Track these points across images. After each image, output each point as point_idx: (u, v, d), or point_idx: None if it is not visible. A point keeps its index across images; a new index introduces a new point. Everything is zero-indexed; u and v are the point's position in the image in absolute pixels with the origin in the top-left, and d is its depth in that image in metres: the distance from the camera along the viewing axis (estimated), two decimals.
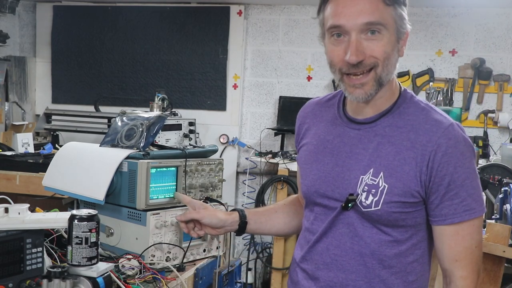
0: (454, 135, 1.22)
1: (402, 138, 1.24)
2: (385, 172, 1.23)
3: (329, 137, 1.34)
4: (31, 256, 1.39)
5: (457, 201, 1.21)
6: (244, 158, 4.35)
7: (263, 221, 1.52)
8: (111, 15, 4.49)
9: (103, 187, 1.83)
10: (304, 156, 1.39)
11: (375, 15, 1.19)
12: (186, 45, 4.37)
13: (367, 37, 1.19)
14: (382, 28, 1.19)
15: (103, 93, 4.46)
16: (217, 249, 2.03)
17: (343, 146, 1.30)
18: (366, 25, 1.19)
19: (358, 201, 1.24)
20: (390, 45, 1.21)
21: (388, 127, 1.26)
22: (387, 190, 1.22)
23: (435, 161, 1.20)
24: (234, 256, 4.34)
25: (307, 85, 4.29)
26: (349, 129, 1.31)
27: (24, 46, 4.63)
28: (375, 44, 1.20)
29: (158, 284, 1.63)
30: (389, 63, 1.22)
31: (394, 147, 1.23)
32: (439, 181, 1.20)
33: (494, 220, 2.28)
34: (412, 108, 1.28)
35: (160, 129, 2.01)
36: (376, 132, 1.27)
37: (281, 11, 4.31)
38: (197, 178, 1.99)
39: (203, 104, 4.37)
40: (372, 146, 1.26)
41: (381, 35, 1.20)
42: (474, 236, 1.24)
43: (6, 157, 3.09)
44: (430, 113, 1.26)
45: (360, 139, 1.28)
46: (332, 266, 1.30)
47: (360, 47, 1.19)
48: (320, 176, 1.32)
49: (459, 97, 4.08)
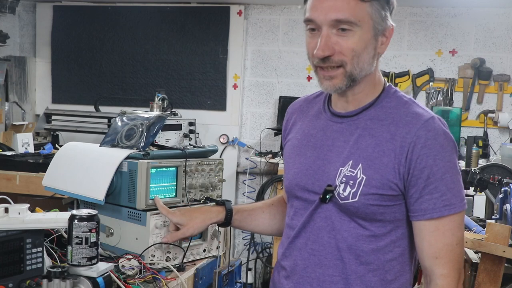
0: (434, 127, 1.21)
1: (383, 130, 1.24)
2: (364, 164, 1.23)
3: (313, 131, 1.35)
4: (31, 256, 1.39)
5: (436, 195, 1.19)
6: (244, 158, 4.35)
7: (248, 221, 1.58)
8: (111, 15, 4.49)
9: (103, 187, 1.83)
10: (288, 151, 1.40)
11: (344, 12, 1.19)
12: (186, 45, 4.37)
13: (338, 33, 1.20)
14: (353, 25, 1.19)
15: (103, 93, 4.46)
16: (217, 249, 2.03)
17: (326, 140, 1.31)
18: (335, 22, 1.20)
19: (336, 193, 1.24)
20: (362, 42, 1.21)
21: (370, 120, 1.27)
22: (365, 182, 1.22)
23: (414, 153, 1.19)
24: (234, 256, 4.34)
25: (307, 85, 4.29)
26: (332, 123, 1.32)
27: (24, 46, 4.63)
28: (344, 41, 1.20)
29: (158, 284, 1.63)
30: (360, 61, 1.22)
31: (374, 139, 1.24)
32: (418, 173, 1.19)
33: (494, 220, 2.28)
34: (394, 102, 1.28)
35: (160, 129, 2.01)
36: (358, 125, 1.27)
37: (281, 11, 4.31)
38: (197, 178, 1.99)
39: (203, 104, 4.37)
40: (353, 138, 1.26)
41: (351, 32, 1.20)
42: (455, 232, 1.22)
43: (6, 157, 3.09)
44: (411, 106, 1.26)
45: (342, 132, 1.29)
46: (310, 261, 1.29)
47: (329, 42, 1.20)
48: (301, 169, 1.32)
49: (459, 97, 4.08)
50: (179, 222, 1.54)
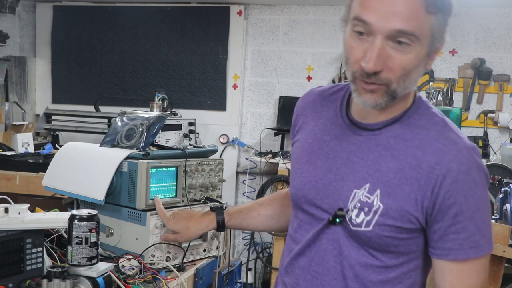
0: (468, 159, 1.07)
1: (407, 154, 1.09)
2: (382, 190, 1.09)
3: (326, 137, 1.21)
4: (31, 256, 1.39)
5: (463, 235, 1.06)
6: (244, 158, 4.35)
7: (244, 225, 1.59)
8: (111, 15, 4.49)
9: (103, 187, 1.83)
10: (297, 154, 1.27)
11: (411, 23, 1.00)
12: (186, 45, 4.37)
13: (394, 46, 1.02)
14: (415, 40, 1.02)
15: (103, 93, 4.46)
16: (217, 249, 2.03)
17: (340, 151, 1.17)
18: (396, 32, 1.00)
19: (348, 217, 1.12)
20: (417, 60, 1.04)
21: (394, 138, 1.12)
22: (381, 211, 1.08)
23: (442, 187, 1.05)
24: (234, 256, 4.34)
25: (307, 85, 4.29)
26: (349, 133, 1.17)
27: (24, 46, 4.63)
28: (398, 57, 1.02)
29: (158, 284, 1.63)
30: (408, 79, 1.06)
31: (397, 163, 1.09)
32: (445, 210, 1.06)
33: (494, 220, 2.28)
34: (425, 121, 1.12)
35: (160, 129, 2.01)
36: (379, 142, 1.13)
37: (281, 11, 4.31)
38: (197, 178, 1.99)
39: (203, 104, 4.37)
40: (372, 157, 1.12)
41: (409, 47, 1.02)
42: (480, 275, 1.09)
43: (6, 157, 3.09)
44: (444, 129, 1.10)
45: (360, 146, 1.14)
46: (312, 284, 1.19)
47: (382, 56, 1.02)
48: (310, 180, 1.20)
49: (459, 97, 4.08)
50: (173, 229, 1.67)
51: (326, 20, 4.18)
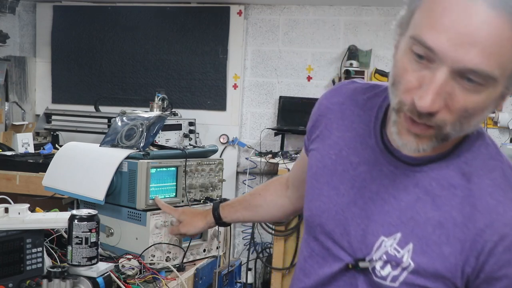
0: None
1: (453, 206, 0.88)
2: (416, 246, 0.89)
3: (354, 158, 1.00)
4: (31, 256, 1.39)
5: None
6: (244, 158, 4.35)
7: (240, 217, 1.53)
8: (111, 15, 4.49)
9: (103, 187, 1.83)
10: (316, 167, 1.07)
11: (492, 60, 0.74)
12: (186, 45, 4.37)
13: (460, 82, 0.78)
14: (491, 81, 0.77)
15: (103, 93, 4.46)
16: (217, 249, 2.03)
17: (369, 181, 0.97)
18: (469, 71, 0.76)
19: (371, 267, 0.94)
20: (486, 102, 0.80)
21: (437, 180, 0.90)
22: (412, 270, 0.90)
23: (491, 256, 0.85)
24: (234, 256, 4.34)
25: (307, 85, 4.29)
26: (382, 160, 0.96)
27: (24, 46, 4.64)
28: (462, 97, 0.79)
29: (158, 284, 1.63)
30: (467, 123, 0.82)
31: (438, 214, 0.89)
32: (492, 281, 0.86)
33: None
34: (480, 162, 0.90)
35: (160, 129, 2.01)
36: (418, 182, 0.92)
37: (281, 11, 4.31)
38: (197, 178, 1.99)
39: (203, 104, 4.37)
40: (408, 199, 0.92)
41: (481, 88, 0.78)
42: None
43: (6, 157, 3.09)
44: (502, 179, 0.88)
45: (393, 181, 0.94)
46: None
47: (443, 92, 0.78)
48: (329, 208, 1.01)
49: None
50: (179, 219, 1.66)
51: (326, 20, 4.18)
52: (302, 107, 4.12)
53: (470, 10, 0.73)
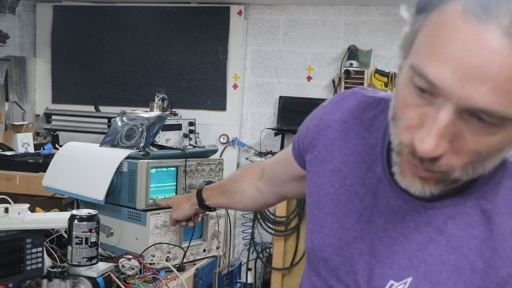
0: None
1: (471, 248, 0.76)
2: None
3: (359, 188, 0.88)
4: (31, 256, 1.39)
5: None
6: (244, 158, 4.35)
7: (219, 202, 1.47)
8: (111, 15, 4.49)
9: (103, 187, 1.83)
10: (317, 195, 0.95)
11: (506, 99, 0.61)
12: (186, 45, 4.37)
13: (470, 122, 0.65)
14: (506, 121, 0.64)
15: (103, 93, 4.46)
16: (217, 249, 2.03)
17: (377, 215, 0.85)
18: (480, 111, 0.63)
19: None
20: (502, 143, 0.68)
21: (452, 219, 0.78)
22: None
23: None
24: (234, 256, 4.34)
25: (307, 85, 4.29)
26: (390, 193, 0.84)
27: (24, 46, 4.64)
28: (473, 139, 0.66)
29: (158, 284, 1.63)
30: (481, 166, 0.71)
31: (454, 257, 0.77)
32: None
33: None
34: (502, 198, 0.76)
35: (160, 129, 2.01)
36: (431, 219, 0.80)
37: (281, 11, 4.31)
38: (197, 178, 1.99)
39: (203, 104, 4.37)
40: (420, 240, 0.80)
41: (495, 129, 0.65)
42: None
43: (6, 157, 3.09)
44: None
45: (403, 218, 0.82)
46: None
47: (449, 133, 0.66)
48: (334, 242, 0.90)
49: None
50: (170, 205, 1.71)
51: (326, 20, 4.18)
52: (302, 107, 4.12)
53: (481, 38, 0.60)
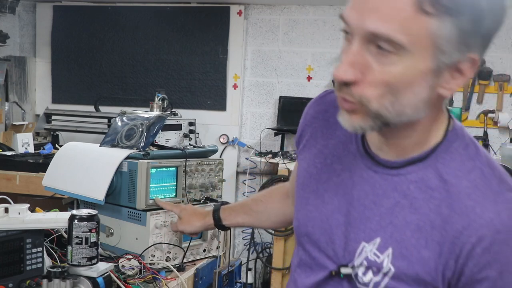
0: (508, 225, 0.82)
1: (431, 208, 0.86)
2: (395, 250, 0.88)
3: (337, 165, 0.99)
4: (31, 256, 1.39)
5: None
6: (244, 158, 4.35)
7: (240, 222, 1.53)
8: (111, 15, 4.49)
9: (103, 187, 1.83)
10: (303, 178, 1.06)
11: (390, 24, 0.75)
12: (186, 45, 4.37)
13: (374, 52, 0.79)
14: (399, 48, 0.76)
15: (103, 93, 4.46)
16: (217, 249, 2.03)
17: (351, 187, 0.96)
18: (372, 35, 0.77)
19: (354, 273, 0.93)
20: (408, 76, 0.78)
21: (415, 183, 0.88)
22: (393, 275, 0.88)
23: (470, 259, 0.83)
24: (234, 256, 4.34)
25: (307, 85, 4.29)
26: (362, 165, 0.95)
27: (24, 46, 4.63)
28: (380, 67, 0.78)
29: (158, 284, 1.63)
30: (397, 101, 0.80)
31: (417, 217, 0.87)
32: (473, 284, 0.84)
33: None
34: (457, 163, 0.87)
35: (160, 129, 2.02)
36: (397, 186, 0.90)
37: (281, 11, 4.31)
38: (197, 178, 1.99)
39: (203, 104, 4.37)
40: (388, 204, 0.90)
41: (394, 57, 0.77)
42: None
43: (6, 157, 3.09)
44: (481, 179, 0.85)
45: (373, 186, 0.92)
46: None
47: (359, 63, 0.79)
48: (315, 216, 1.00)
49: (459, 97, 4.08)
50: (179, 215, 1.68)
51: (326, 20, 4.18)
52: (302, 107, 4.04)
53: None
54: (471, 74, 0.81)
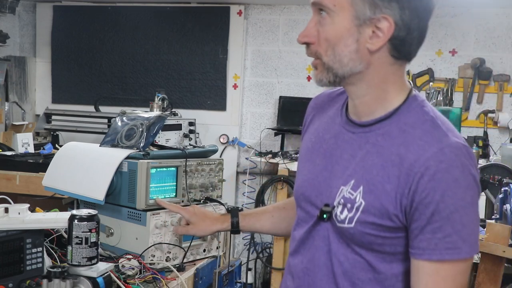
0: (450, 158, 1.02)
1: (392, 152, 1.07)
2: (365, 187, 1.08)
3: (326, 135, 1.21)
4: (31, 256, 1.39)
5: (439, 235, 1.02)
6: (244, 158, 4.35)
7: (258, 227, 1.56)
8: (111, 15, 4.49)
9: (103, 187, 1.83)
10: (302, 153, 1.29)
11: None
12: (186, 45, 4.37)
13: (319, 18, 1.08)
14: (331, 11, 1.05)
15: (103, 93, 4.47)
16: (217, 249, 2.03)
17: (336, 149, 1.17)
18: (315, 6, 1.08)
19: (334, 213, 1.11)
20: (338, 31, 1.05)
21: (382, 135, 1.10)
22: (363, 208, 1.07)
23: (419, 186, 1.02)
24: (234, 256, 4.34)
25: (307, 85, 4.29)
26: (344, 130, 1.17)
27: (24, 46, 4.64)
28: (321, 29, 1.07)
29: (158, 284, 1.63)
30: (336, 53, 1.07)
31: (381, 160, 1.08)
32: (422, 208, 1.02)
33: (494, 220, 2.28)
34: (414, 118, 1.09)
35: (160, 129, 2.01)
36: (368, 139, 1.12)
37: (281, 11, 4.31)
38: (197, 178, 1.99)
39: (203, 104, 4.37)
40: (361, 154, 1.12)
41: (329, 19, 1.06)
42: (457, 278, 1.04)
43: (6, 157, 3.09)
44: (431, 127, 1.07)
45: (351, 143, 1.14)
46: (303, 280, 1.19)
47: (312, 29, 1.09)
48: (308, 178, 1.21)
49: (459, 97, 4.08)
50: (190, 220, 1.63)
51: None
52: (302, 107, 4.08)
53: None
54: (389, 33, 1.04)
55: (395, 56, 1.08)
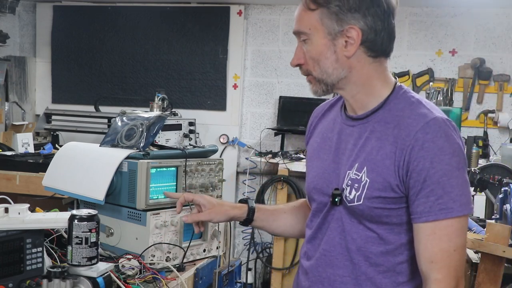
0: (434, 129, 1.19)
1: (388, 134, 1.24)
2: (368, 167, 1.24)
3: (330, 134, 1.37)
4: (31, 256, 1.39)
5: (432, 198, 1.18)
6: (244, 158, 4.35)
7: (270, 221, 1.54)
8: (111, 15, 4.49)
9: (103, 187, 1.83)
10: (309, 154, 1.43)
11: (298, 24, 1.27)
12: (186, 45, 4.37)
13: (303, 43, 1.28)
14: (309, 34, 1.26)
15: (103, 93, 4.47)
16: (217, 249, 2.03)
17: (340, 143, 1.33)
18: (297, 34, 1.28)
19: (344, 195, 1.27)
20: (318, 48, 1.26)
21: (378, 122, 1.27)
22: (368, 185, 1.23)
23: (411, 155, 1.19)
24: (234, 256, 4.34)
25: (307, 85, 4.22)
26: (345, 126, 1.33)
27: (24, 46, 4.64)
28: (305, 51, 1.28)
29: (158, 284, 1.63)
30: (321, 66, 1.27)
31: (379, 142, 1.24)
32: (416, 176, 1.19)
33: (494, 220, 2.28)
34: (402, 104, 1.27)
35: (160, 129, 2.01)
36: (367, 128, 1.28)
37: (281, 11, 4.31)
38: (197, 178, 1.99)
39: (203, 104, 4.37)
40: (361, 142, 1.28)
41: (309, 41, 1.26)
42: (452, 238, 1.19)
43: (6, 157, 3.09)
44: (417, 107, 1.25)
45: (353, 135, 1.30)
46: (321, 261, 1.32)
47: (300, 53, 1.29)
48: (318, 172, 1.35)
49: (459, 97, 4.08)
50: (204, 204, 1.50)
51: None
52: (302, 107, 4.11)
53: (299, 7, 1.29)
54: (359, 39, 1.23)
55: (372, 56, 1.26)
